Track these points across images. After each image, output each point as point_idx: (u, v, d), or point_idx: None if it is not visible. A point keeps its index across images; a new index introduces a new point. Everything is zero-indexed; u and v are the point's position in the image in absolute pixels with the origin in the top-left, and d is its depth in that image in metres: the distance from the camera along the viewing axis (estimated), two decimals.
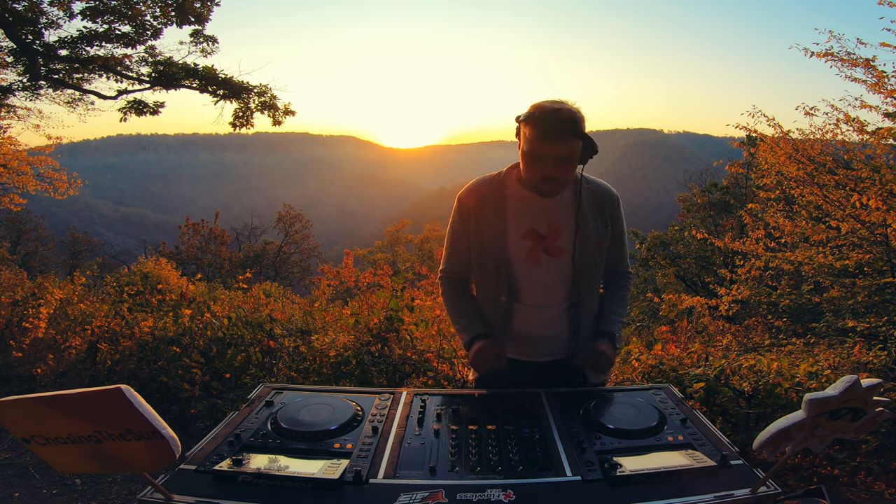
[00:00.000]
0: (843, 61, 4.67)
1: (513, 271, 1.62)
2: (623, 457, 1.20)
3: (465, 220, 1.66)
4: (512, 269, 1.62)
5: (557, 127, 1.43)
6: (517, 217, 1.60)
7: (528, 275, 1.62)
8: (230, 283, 10.92)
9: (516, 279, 1.63)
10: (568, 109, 1.45)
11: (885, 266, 4.89)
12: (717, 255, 12.89)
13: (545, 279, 1.62)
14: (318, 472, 1.11)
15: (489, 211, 1.61)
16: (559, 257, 1.60)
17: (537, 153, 1.47)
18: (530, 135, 1.46)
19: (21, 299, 4.75)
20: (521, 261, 1.60)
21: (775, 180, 5.74)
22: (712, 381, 2.75)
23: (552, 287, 1.63)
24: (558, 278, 1.62)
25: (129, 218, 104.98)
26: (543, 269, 1.61)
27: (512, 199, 1.62)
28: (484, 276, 1.67)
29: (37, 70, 8.47)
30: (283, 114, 10.12)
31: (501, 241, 1.60)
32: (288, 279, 20.71)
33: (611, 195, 1.67)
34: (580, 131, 1.46)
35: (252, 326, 3.68)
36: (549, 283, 1.63)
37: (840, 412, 1.04)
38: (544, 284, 1.63)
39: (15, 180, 9.60)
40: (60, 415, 0.96)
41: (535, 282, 1.63)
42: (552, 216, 1.60)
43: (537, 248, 1.60)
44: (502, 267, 1.61)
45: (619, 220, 1.68)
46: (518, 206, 1.61)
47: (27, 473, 2.89)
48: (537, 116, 1.45)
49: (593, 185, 1.66)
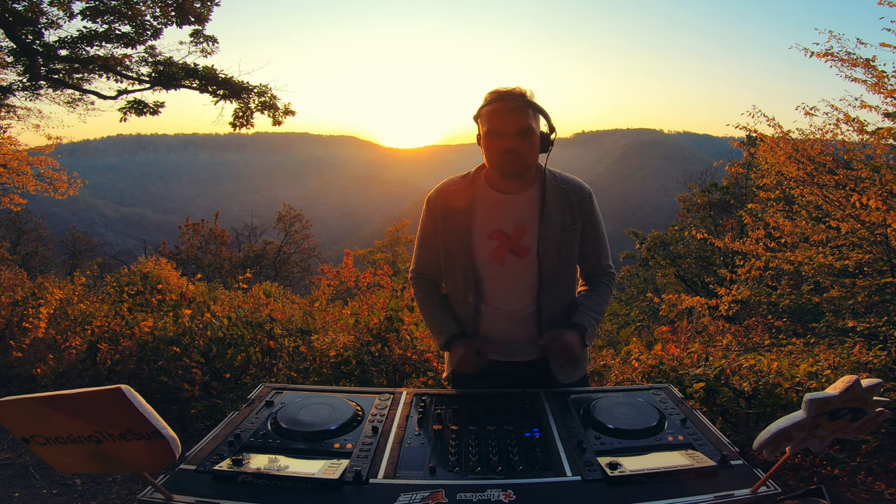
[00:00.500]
0: (843, 61, 4.67)
1: (479, 272, 1.61)
2: (623, 457, 1.20)
3: (433, 220, 1.66)
4: (478, 269, 1.61)
5: (511, 98, 1.49)
6: (484, 217, 1.60)
7: (494, 275, 1.60)
8: (230, 283, 10.92)
9: (482, 280, 1.61)
10: (518, 87, 1.52)
11: (885, 266, 4.89)
12: (717, 255, 12.89)
13: (510, 280, 1.60)
14: (318, 472, 1.11)
15: (457, 211, 1.61)
16: (524, 256, 1.58)
17: (496, 129, 1.50)
18: (488, 113, 1.51)
19: (21, 299, 4.75)
20: (487, 261, 1.59)
21: (775, 180, 5.74)
22: (712, 381, 2.75)
23: (517, 288, 1.61)
24: (524, 278, 1.60)
25: (129, 218, 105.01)
26: (508, 269, 1.59)
27: (480, 200, 1.62)
28: (452, 277, 1.66)
29: (37, 70, 8.47)
30: (283, 114, 10.12)
31: (468, 242, 1.59)
32: (288, 279, 20.71)
33: (581, 190, 1.63)
34: (533, 103, 1.51)
35: (252, 326, 3.68)
36: (515, 283, 1.61)
37: (840, 412, 1.04)
38: (509, 285, 1.61)
39: (15, 180, 9.60)
40: (60, 415, 0.96)
41: (501, 283, 1.61)
42: (518, 215, 1.59)
43: (502, 247, 1.58)
44: (469, 267, 1.60)
45: (591, 216, 1.64)
46: (486, 207, 1.61)
47: (27, 473, 2.89)
48: (491, 96, 1.53)
49: (561, 181, 1.63)
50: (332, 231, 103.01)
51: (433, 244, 1.68)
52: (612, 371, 3.20)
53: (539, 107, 1.52)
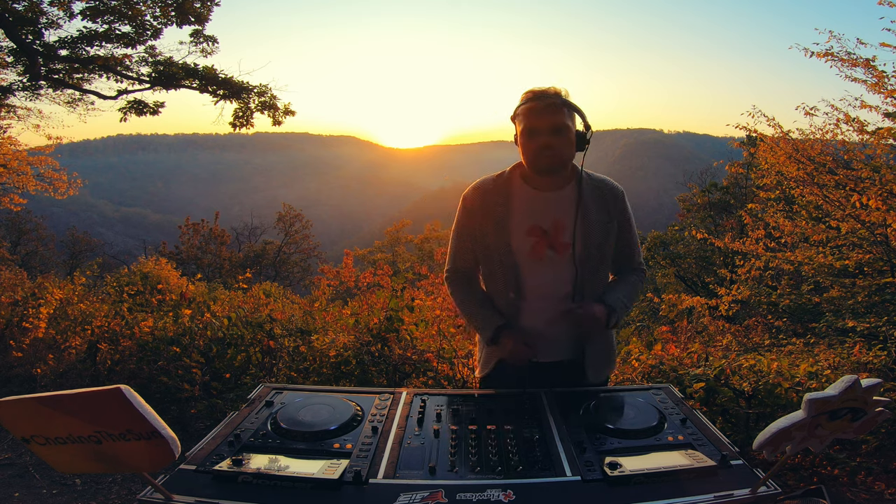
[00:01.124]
0: (843, 61, 4.67)
1: (518, 268, 1.62)
2: (623, 457, 1.20)
3: (470, 218, 1.67)
4: (517, 265, 1.61)
5: (547, 97, 1.53)
6: (521, 214, 1.61)
7: (532, 271, 1.62)
8: (230, 283, 10.92)
9: (521, 276, 1.62)
10: (553, 86, 1.55)
11: (885, 266, 4.89)
12: (717, 255, 12.90)
13: (549, 276, 1.61)
14: (317, 472, 1.11)
15: (494, 209, 1.62)
16: (563, 253, 1.59)
17: (532, 126, 1.53)
18: (524, 112, 1.54)
19: (21, 299, 4.75)
20: (525, 257, 1.61)
21: (775, 180, 5.74)
22: (712, 381, 2.75)
23: (556, 284, 1.62)
24: (562, 274, 1.61)
25: (129, 218, 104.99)
26: (547, 265, 1.60)
27: (516, 197, 1.63)
28: (490, 274, 1.68)
29: (37, 70, 8.47)
30: (283, 114, 10.12)
31: (506, 238, 1.60)
32: (288, 279, 20.72)
33: (614, 189, 1.67)
34: (568, 101, 1.54)
35: (252, 326, 3.68)
36: (553, 279, 1.62)
37: (840, 412, 1.04)
38: (548, 281, 1.62)
39: (15, 180, 9.60)
40: (60, 415, 0.96)
41: (539, 279, 1.62)
42: (556, 212, 1.60)
43: (541, 244, 1.60)
44: (507, 264, 1.61)
45: (625, 214, 1.67)
46: (522, 204, 1.62)
47: (27, 473, 2.89)
48: (527, 96, 1.56)
49: (596, 181, 1.66)
50: (332, 231, 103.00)
51: (469, 242, 1.70)
52: (613, 371, 3.20)
53: (574, 105, 1.55)
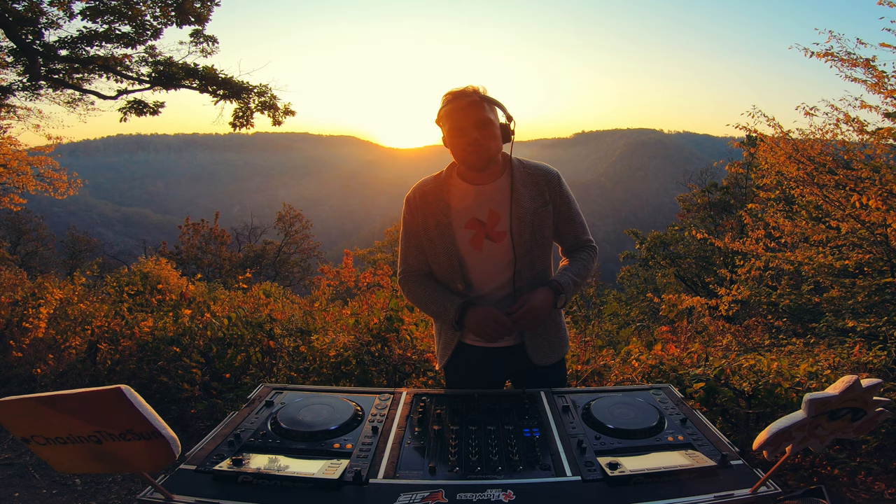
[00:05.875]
0: (843, 61, 4.67)
1: (462, 260, 1.70)
2: (623, 457, 1.20)
3: (414, 217, 1.75)
4: (461, 257, 1.69)
5: (466, 95, 1.59)
6: (460, 208, 1.69)
7: (476, 262, 1.69)
8: (230, 283, 10.92)
9: (466, 267, 1.70)
10: (470, 85, 1.62)
11: (885, 266, 4.89)
12: (717, 255, 12.89)
13: (490, 264, 1.69)
14: (318, 472, 1.11)
15: (434, 206, 1.70)
16: (500, 241, 1.67)
17: (457, 125, 1.59)
18: (448, 113, 1.61)
19: (21, 299, 4.75)
20: (467, 249, 1.68)
21: (775, 180, 5.74)
22: (712, 381, 2.75)
23: (497, 272, 1.69)
24: (501, 262, 1.68)
25: (129, 218, 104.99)
26: (486, 254, 1.68)
27: (454, 194, 1.71)
28: (439, 269, 1.75)
29: (37, 70, 8.47)
30: (283, 114, 10.12)
31: (448, 232, 1.68)
32: (288, 279, 20.73)
33: (548, 173, 1.72)
34: (487, 97, 1.59)
35: (252, 326, 3.68)
36: (494, 268, 1.69)
37: (840, 412, 1.04)
38: (490, 270, 1.69)
39: (15, 180, 9.59)
40: (60, 415, 0.96)
41: (482, 268, 1.70)
42: (491, 203, 1.68)
43: (479, 234, 1.68)
44: (453, 257, 1.69)
45: (563, 197, 1.72)
46: (460, 199, 1.70)
47: (27, 473, 2.89)
48: (448, 97, 1.62)
49: (530, 168, 1.72)
50: (332, 231, 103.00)
51: (417, 241, 1.76)
52: (612, 371, 3.20)
53: (493, 99, 1.61)
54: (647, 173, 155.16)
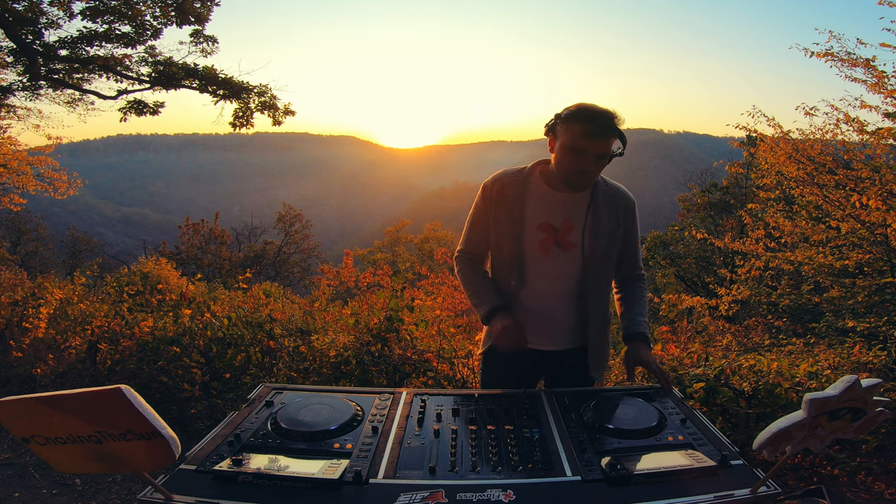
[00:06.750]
0: (843, 61, 4.67)
1: (524, 258, 1.69)
2: (623, 457, 1.20)
3: (486, 205, 1.74)
4: (523, 256, 1.69)
5: (604, 124, 1.52)
6: (534, 209, 1.68)
7: (537, 264, 1.69)
8: (230, 283, 10.93)
9: (525, 266, 1.70)
10: (612, 110, 1.54)
11: (885, 266, 4.89)
12: (717, 255, 12.89)
13: (553, 270, 1.69)
14: (318, 472, 1.11)
15: (510, 200, 1.69)
16: (569, 251, 1.67)
17: (580, 147, 1.53)
18: (576, 130, 1.53)
19: (21, 299, 4.75)
20: (533, 250, 1.68)
21: (775, 180, 5.74)
22: (712, 381, 2.75)
23: (558, 278, 1.70)
24: (566, 270, 1.69)
25: (129, 218, 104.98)
26: (552, 260, 1.68)
27: (532, 193, 1.69)
28: (497, 261, 1.77)
29: (37, 70, 8.47)
30: (283, 114, 10.12)
31: (517, 230, 1.67)
32: (288, 279, 20.73)
33: (627, 199, 1.73)
34: (620, 132, 1.56)
35: (252, 326, 3.68)
36: (557, 274, 1.70)
37: (840, 412, 1.04)
38: (551, 275, 1.70)
39: (15, 180, 9.60)
40: (60, 415, 0.96)
41: (544, 272, 1.69)
42: (567, 212, 1.67)
43: (549, 240, 1.67)
44: (515, 254, 1.69)
45: (632, 224, 1.75)
46: (537, 200, 1.69)
47: (27, 473, 2.88)
48: (586, 114, 1.53)
49: (611, 188, 1.73)
50: (332, 231, 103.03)
51: (483, 228, 1.76)
52: (612, 371, 3.20)
53: (622, 134, 1.57)
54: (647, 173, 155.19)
